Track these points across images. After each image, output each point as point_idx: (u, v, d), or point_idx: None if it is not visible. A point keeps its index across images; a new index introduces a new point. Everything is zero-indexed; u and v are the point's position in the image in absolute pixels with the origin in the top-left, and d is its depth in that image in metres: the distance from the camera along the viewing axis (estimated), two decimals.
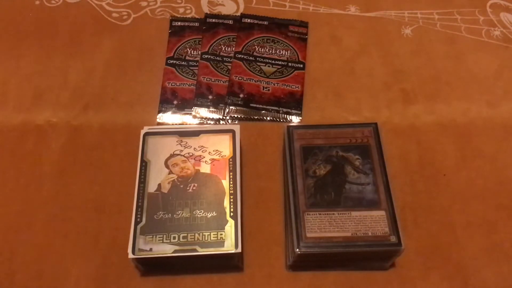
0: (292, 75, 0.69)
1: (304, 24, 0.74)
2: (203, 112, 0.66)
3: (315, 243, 0.49)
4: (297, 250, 0.49)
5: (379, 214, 0.51)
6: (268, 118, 0.66)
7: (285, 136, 0.57)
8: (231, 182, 0.54)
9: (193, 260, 0.52)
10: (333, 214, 0.51)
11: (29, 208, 0.58)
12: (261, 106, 0.66)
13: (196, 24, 0.74)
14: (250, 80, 0.68)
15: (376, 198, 0.52)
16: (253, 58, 0.70)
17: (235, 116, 0.65)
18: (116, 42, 0.72)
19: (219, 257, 0.50)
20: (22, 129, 0.64)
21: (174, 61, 0.70)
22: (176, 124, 0.65)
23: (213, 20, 0.74)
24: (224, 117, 0.66)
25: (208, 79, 0.68)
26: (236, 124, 0.64)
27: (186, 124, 0.65)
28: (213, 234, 0.50)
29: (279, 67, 0.69)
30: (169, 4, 0.77)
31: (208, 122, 0.65)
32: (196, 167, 0.55)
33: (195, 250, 0.49)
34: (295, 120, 0.66)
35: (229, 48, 0.71)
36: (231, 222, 0.51)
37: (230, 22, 0.73)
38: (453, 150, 0.63)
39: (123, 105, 0.66)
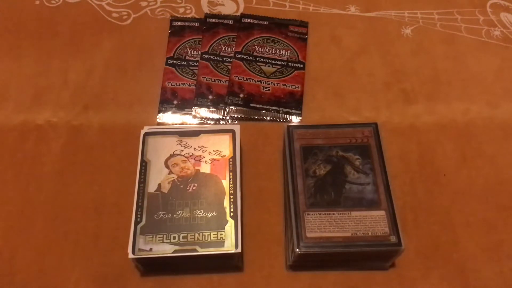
0: (292, 75, 0.69)
1: (304, 24, 0.74)
2: (203, 112, 0.66)
3: (315, 243, 0.49)
4: (297, 250, 0.49)
5: (379, 214, 0.51)
6: (268, 118, 0.66)
7: (285, 136, 0.57)
8: (231, 182, 0.54)
9: (193, 260, 0.52)
10: (333, 214, 0.51)
11: (29, 208, 0.58)
12: (261, 106, 0.66)
13: (196, 24, 0.74)
14: (250, 80, 0.68)
15: (376, 198, 0.52)
16: (253, 58, 0.70)
17: (235, 116, 0.65)
18: (116, 42, 0.72)
19: (219, 257, 0.50)
20: (22, 129, 0.64)
21: (174, 61, 0.70)
22: (176, 124, 0.65)
23: (213, 20, 0.74)
24: (224, 117, 0.66)
25: (208, 79, 0.68)
26: (236, 124, 0.64)
27: (186, 124, 0.65)
28: (213, 234, 0.50)
29: (279, 67, 0.69)
30: (169, 4, 0.77)
31: (208, 122, 0.65)
32: (196, 167, 0.55)
33: (195, 250, 0.49)
34: (295, 120, 0.66)
35: (229, 48, 0.71)
36: (231, 222, 0.51)
37: (230, 22, 0.73)
38: (453, 150, 0.63)
39: (123, 105, 0.66)
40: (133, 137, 0.58)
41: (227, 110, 0.66)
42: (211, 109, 0.66)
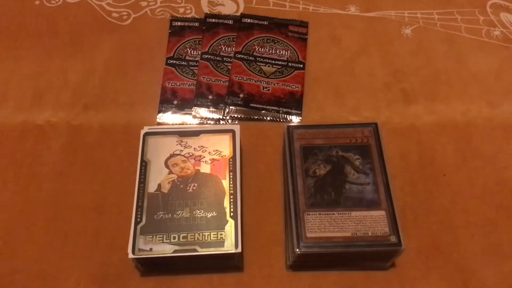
0: (292, 75, 0.69)
1: (304, 24, 0.74)
2: (203, 112, 0.66)
3: (315, 243, 0.49)
4: (297, 250, 0.49)
5: (379, 214, 0.51)
6: (268, 118, 0.66)
7: (285, 136, 0.57)
8: (231, 182, 0.54)
9: (193, 260, 0.52)
10: (333, 214, 0.51)
11: (29, 208, 0.58)
12: (261, 106, 0.66)
13: (196, 24, 0.74)
14: (250, 80, 0.68)
15: (376, 198, 0.52)
16: (253, 58, 0.70)
17: (235, 116, 0.65)
18: (116, 42, 0.72)
19: (219, 257, 0.50)
20: (22, 129, 0.64)
21: (174, 61, 0.70)
22: (176, 124, 0.65)
23: (213, 20, 0.74)
24: (224, 117, 0.66)
25: (208, 79, 0.68)
26: (236, 124, 0.64)
27: (186, 124, 0.65)
28: (213, 234, 0.50)
29: (279, 67, 0.69)
30: (169, 4, 0.77)
31: (208, 122, 0.65)
32: (196, 167, 0.55)
33: (195, 250, 0.49)
34: (295, 120, 0.66)
35: (229, 48, 0.71)
36: (231, 222, 0.51)
37: (230, 22, 0.73)
38: (453, 150, 0.63)
39: (123, 105, 0.66)
40: (133, 137, 0.58)
41: (227, 110, 0.66)
42: (211, 109, 0.66)
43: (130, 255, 0.49)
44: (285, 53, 0.71)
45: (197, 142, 0.57)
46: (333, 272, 0.54)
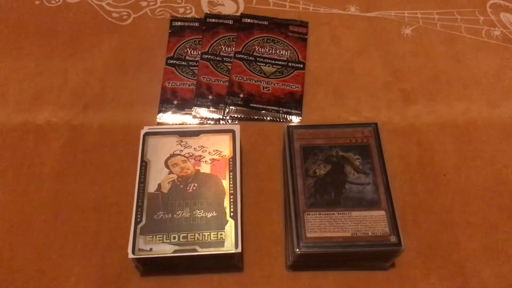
0: (292, 75, 0.69)
1: (304, 24, 0.74)
2: (203, 112, 0.66)
3: (315, 243, 0.49)
4: (297, 250, 0.49)
5: (379, 214, 0.51)
6: (268, 118, 0.66)
7: (285, 136, 0.57)
8: (231, 182, 0.54)
9: (193, 260, 0.52)
10: (333, 214, 0.51)
11: (29, 208, 0.58)
12: (261, 106, 0.66)
13: (196, 24, 0.74)
14: (250, 80, 0.68)
15: (376, 198, 0.52)
16: (253, 58, 0.70)
17: (235, 116, 0.65)
18: (116, 42, 0.72)
19: (219, 257, 0.50)
20: (22, 129, 0.64)
21: (174, 61, 0.70)
22: (176, 124, 0.65)
23: (213, 20, 0.74)
24: (224, 117, 0.66)
25: (208, 79, 0.68)
26: (236, 124, 0.64)
27: (186, 124, 0.65)
28: (213, 234, 0.50)
29: (279, 67, 0.69)
30: (169, 4, 0.77)
31: (208, 122, 0.65)
32: (196, 167, 0.55)
33: (195, 250, 0.49)
34: (295, 120, 0.66)
35: (229, 48, 0.71)
36: (231, 222, 0.51)
37: (230, 22, 0.73)
38: (453, 150, 0.63)
39: (123, 105, 0.66)
40: (133, 137, 0.58)
41: (227, 110, 0.66)
42: (211, 109, 0.66)
43: (130, 255, 0.49)
44: (285, 53, 0.71)
45: (197, 142, 0.57)
46: (333, 272, 0.54)
